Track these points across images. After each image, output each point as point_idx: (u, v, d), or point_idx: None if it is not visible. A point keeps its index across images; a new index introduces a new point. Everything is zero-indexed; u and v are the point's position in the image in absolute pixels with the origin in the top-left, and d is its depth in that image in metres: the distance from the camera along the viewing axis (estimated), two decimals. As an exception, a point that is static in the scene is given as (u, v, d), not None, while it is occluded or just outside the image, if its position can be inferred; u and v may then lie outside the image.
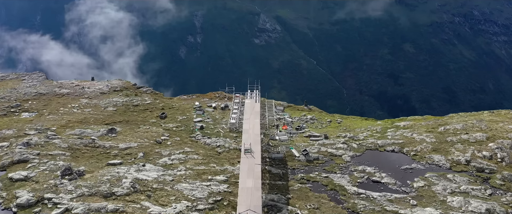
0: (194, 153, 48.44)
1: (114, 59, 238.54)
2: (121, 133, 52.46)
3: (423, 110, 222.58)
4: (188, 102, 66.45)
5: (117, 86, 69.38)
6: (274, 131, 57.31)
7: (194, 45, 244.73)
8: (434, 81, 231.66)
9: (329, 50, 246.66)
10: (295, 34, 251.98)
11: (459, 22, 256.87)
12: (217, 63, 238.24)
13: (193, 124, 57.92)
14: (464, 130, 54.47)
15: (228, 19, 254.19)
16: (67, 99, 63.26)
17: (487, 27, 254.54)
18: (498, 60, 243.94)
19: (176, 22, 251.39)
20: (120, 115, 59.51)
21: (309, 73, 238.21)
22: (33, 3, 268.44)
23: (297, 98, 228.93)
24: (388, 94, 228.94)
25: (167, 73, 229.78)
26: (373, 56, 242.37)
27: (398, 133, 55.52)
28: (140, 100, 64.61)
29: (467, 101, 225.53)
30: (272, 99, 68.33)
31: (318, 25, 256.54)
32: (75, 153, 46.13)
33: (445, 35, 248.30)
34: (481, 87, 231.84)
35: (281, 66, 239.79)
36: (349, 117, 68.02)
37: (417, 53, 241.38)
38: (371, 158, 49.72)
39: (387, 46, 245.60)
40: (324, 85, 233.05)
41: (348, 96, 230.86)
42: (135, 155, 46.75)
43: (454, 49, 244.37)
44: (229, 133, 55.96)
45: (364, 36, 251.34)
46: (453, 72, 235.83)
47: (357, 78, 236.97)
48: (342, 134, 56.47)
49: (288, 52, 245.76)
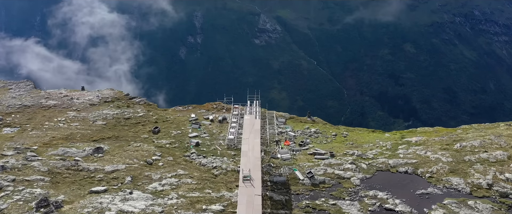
0: (188, 176, 43.03)
1: (109, 63, 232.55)
2: (108, 152, 47.01)
3: (423, 110, 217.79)
4: (183, 114, 60.97)
5: (108, 96, 63.83)
6: (275, 148, 51.91)
7: (194, 46, 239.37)
8: (435, 82, 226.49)
9: (330, 50, 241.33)
10: (295, 35, 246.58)
11: (460, 22, 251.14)
12: (217, 63, 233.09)
13: (188, 140, 52.49)
14: (483, 148, 49.00)
15: (228, 19, 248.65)
16: (54, 112, 57.80)
17: (488, 27, 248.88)
18: (499, 60, 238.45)
19: (176, 23, 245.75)
20: (110, 130, 54.09)
21: (310, 73, 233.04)
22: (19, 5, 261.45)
23: (297, 99, 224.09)
24: (388, 94, 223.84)
25: (166, 75, 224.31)
26: (374, 57, 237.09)
27: (411, 150, 50.01)
28: (132, 113, 59.12)
29: (468, 102, 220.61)
30: (273, 111, 62.87)
31: (319, 25, 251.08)
32: (55, 177, 40.74)
33: (445, 35, 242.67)
34: (482, 88, 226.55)
35: (281, 66, 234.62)
36: (355, 129, 62.55)
37: (417, 54, 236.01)
38: (382, 181, 44.26)
39: (388, 46, 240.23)
40: (325, 86, 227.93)
41: (349, 96, 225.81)
42: (122, 180, 41.36)
43: (455, 49, 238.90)
44: (227, 150, 50.54)
45: (365, 36, 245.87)
46: (454, 73, 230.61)
47: (357, 78, 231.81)
48: (350, 151, 50.98)
49: (289, 52, 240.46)
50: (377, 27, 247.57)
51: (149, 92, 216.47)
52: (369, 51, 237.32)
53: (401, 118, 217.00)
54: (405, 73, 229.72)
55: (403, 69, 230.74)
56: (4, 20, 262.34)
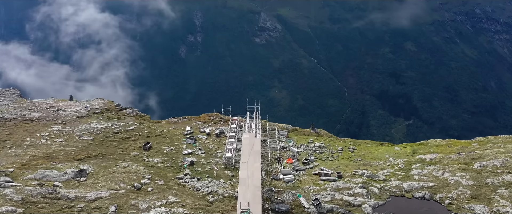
0: (180, 204, 37.48)
1: (105, 65, 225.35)
2: (92, 175, 41.46)
3: (424, 109, 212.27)
4: (178, 127, 55.38)
5: (97, 107, 58.18)
6: (277, 167, 46.42)
7: (194, 45, 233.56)
8: (436, 80, 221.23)
9: (330, 49, 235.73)
10: (295, 33, 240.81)
11: (461, 20, 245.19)
12: (217, 62, 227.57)
13: (182, 158, 46.93)
14: (505, 168, 43.45)
15: (229, 18, 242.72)
16: (37, 126, 52.23)
17: (489, 25, 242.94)
18: (500, 58, 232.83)
19: (176, 22, 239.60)
20: (97, 146, 48.56)
21: (310, 72, 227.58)
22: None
23: (297, 97, 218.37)
24: (389, 93, 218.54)
25: (166, 74, 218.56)
26: (374, 55, 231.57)
27: (426, 171, 44.41)
28: (122, 126, 53.48)
29: (469, 100, 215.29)
30: (275, 123, 57.31)
31: (319, 24, 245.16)
32: (29, 208, 35.18)
33: (446, 34, 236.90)
34: (483, 86, 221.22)
35: (281, 65, 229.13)
36: (362, 142, 57.00)
37: (418, 52, 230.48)
38: (397, 209, 38.73)
39: (388, 44, 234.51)
40: (325, 85, 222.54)
41: (349, 95, 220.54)
42: (105, 210, 35.82)
43: (456, 48, 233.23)
44: (224, 170, 45.03)
45: (365, 34, 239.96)
46: (454, 71, 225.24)
47: (358, 77, 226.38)
48: (359, 171, 45.42)
49: (289, 51, 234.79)
50: (377, 26, 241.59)
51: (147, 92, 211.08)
52: (369, 50, 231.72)
53: (402, 117, 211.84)
54: (406, 72, 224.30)
55: (404, 68, 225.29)
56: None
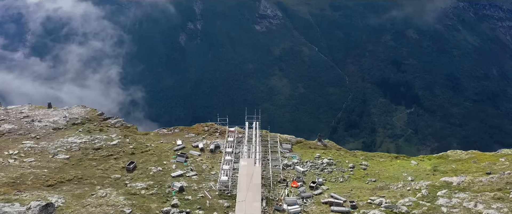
0: (163, 252, 29.97)
1: (103, 61, 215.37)
2: (61, 210, 33.82)
3: (426, 97, 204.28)
4: (167, 139, 47.50)
5: (78, 117, 50.20)
6: (280, 192, 38.79)
7: (194, 32, 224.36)
8: (438, 68, 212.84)
9: (331, 36, 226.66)
10: (296, 20, 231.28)
11: (464, 7, 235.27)
12: (217, 50, 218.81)
13: (170, 182, 39.22)
14: (549, 197, 35.83)
15: (229, 5, 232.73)
16: (7, 141, 44.41)
17: (492, 12, 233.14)
18: (503, 46, 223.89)
19: (176, 9, 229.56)
20: (72, 167, 40.84)
21: (311, 60, 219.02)
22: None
23: (298, 85, 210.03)
24: (391, 81, 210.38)
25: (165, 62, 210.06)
26: (376, 43, 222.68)
27: (455, 201, 36.66)
28: (104, 140, 45.60)
29: (471, 88, 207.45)
30: (277, 133, 49.41)
31: (320, 11, 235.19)
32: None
33: (449, 21, 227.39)
34: (485, 74, 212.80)
35: (282, 53, 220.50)
36: (375, 155, 49.18)
37: (420, 40, 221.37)
38: (426, 255, 31.28)
39: (390, 32, 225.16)
40: (326, 73, 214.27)
41: (351, 83, 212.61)
42: (71, 262, 28.34)
43: (458, 35, 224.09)
44: (219, 197, 37.39)
45: (367, 22, 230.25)
46: (456, 59, 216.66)
47: (359, 65, 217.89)
48: (375, 198, 37.72)
49: (289, 38, 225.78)
50: (379, 13, 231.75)
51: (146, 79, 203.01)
52: (371, 37, 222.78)
53: (403, 105, 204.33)
54: (407, 60, 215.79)
55: (406, 55, 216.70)
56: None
